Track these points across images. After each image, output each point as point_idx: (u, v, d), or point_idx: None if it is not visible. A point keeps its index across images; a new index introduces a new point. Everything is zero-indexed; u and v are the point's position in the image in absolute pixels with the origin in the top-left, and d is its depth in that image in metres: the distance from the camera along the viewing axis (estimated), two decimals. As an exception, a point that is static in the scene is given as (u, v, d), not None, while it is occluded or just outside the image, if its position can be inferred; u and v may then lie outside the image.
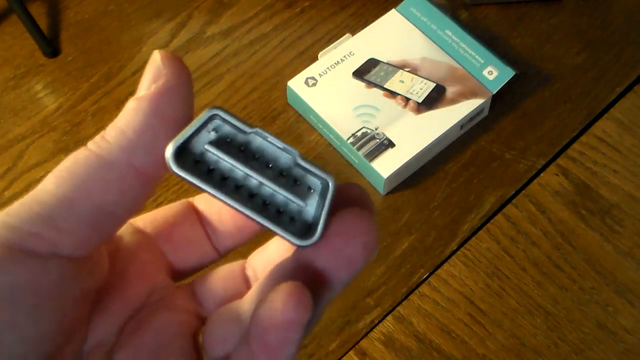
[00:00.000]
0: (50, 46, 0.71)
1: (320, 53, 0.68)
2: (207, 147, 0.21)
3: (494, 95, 0.65)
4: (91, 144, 0.21)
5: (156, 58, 0.22)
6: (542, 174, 0.64)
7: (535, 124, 0.66)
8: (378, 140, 0.62)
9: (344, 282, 0.23)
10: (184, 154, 0.21)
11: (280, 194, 0.22)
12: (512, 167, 0.64)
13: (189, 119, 0.22)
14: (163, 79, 0.22)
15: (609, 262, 0.60)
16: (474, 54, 0.66)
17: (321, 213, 0.21)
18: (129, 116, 0.21)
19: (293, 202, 0.22)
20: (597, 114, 0.67)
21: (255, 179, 0.21)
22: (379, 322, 0.58)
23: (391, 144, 0.62)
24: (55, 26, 0.73)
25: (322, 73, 0.66)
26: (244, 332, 0.22)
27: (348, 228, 0.21)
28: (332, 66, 0.66)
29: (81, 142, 0.67)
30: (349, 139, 0.62)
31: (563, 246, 0.60)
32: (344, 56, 0.66)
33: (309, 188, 0.22)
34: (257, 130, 0.21)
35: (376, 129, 0.63)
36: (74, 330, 0.22)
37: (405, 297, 0.59)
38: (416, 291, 0.59)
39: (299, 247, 0.21)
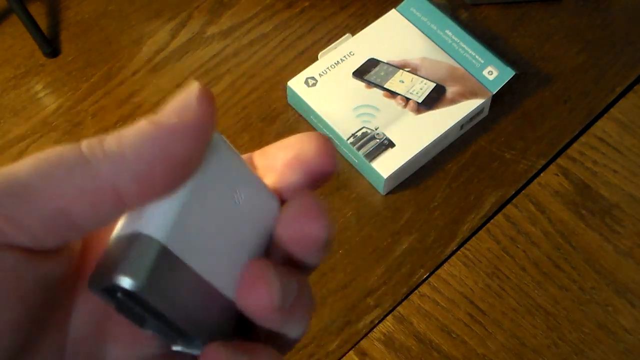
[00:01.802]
0: (50, 46, 0.71)
1: (320, 53, 0.68)
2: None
3: (494, 95, 0.65)
4: (85, 147, 0.20)
5: (193, 89, 0.21)
6: (542, 174, 0.64)
7: (535, 124, 0.66)
8: (378, 140, 0.62)
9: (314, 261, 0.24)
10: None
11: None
12: (512, 167, 0.64)
13: (195, 163, 0.21)
14: (190, 115, 0.21)
15: (609, 262, 0.60)
16: (474, 54, 0.66)
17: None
18: (137, 137, 0.20)
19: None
20: (597, 114, 0.67)
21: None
22: (379, 322, 0.58)
23: (391, 144, 0.62)
24: (55, 26, 0.73)
25: (322, 73, 0.66)
26: None
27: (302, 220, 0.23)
28: (332, 66, 0.66)
29: (81, 142, 0.67)
30: (349, 139, 0.62)
31: (563, 246, 0.60)
32: (344, 56, 0.66)
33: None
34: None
35: (376, 129, 0.63)
36: (46, 320, 0.21)
37: (405, 297, 0.59)
38: (416, 291, 0.59)
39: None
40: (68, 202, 0.19)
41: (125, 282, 0.20)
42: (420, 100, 0.64)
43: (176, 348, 0.23)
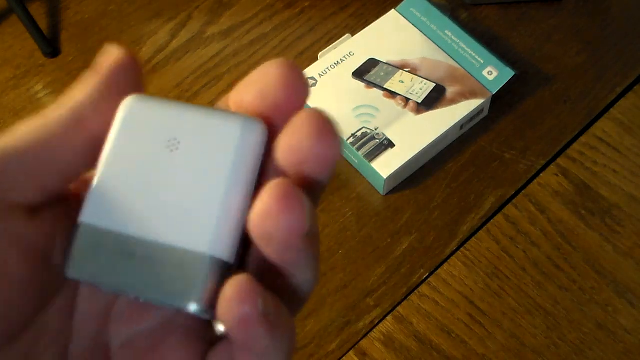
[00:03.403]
0: (50, 46, 0.71)
1: (320, 53, 0.68)
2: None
3: (493, 96, 0.65)
4: (43, 112, 0.22)
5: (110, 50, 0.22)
6: (542, 174, 0.64)
7: (535, 124, 0.66)
8: (378, 141, 0.62)
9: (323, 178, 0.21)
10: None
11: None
12: (512, 167, 0.64)
13: (136, 83, 0.22)
14: (110, 59, 0.22)
15: (609, 262, 0.60)
16: (473, 54, 0.66)
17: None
18: (77, 85, 0.22)
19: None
20: (597, 114, 0.67)
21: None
22: (379, 322, 0.58)
23: (391, 144, 0.62)
24: (55, 26, 0.73)
25: (322, 73, 0.66)
26: None
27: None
28: (332, 66, 0.66)
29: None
30: (349, 139, 0.62)
31: (563, 246, 0.60)
32: (344, 56, 0.66)
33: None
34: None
35: (376, 129, 0.63)
36: (51, 297, 0.22)
37: (405, 297, 0.59)
38: (416, 291, 0.59)
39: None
40: (43, 148, 0.21)
41: (71, 274, 0.21)
42: (420, 101, 0.64)
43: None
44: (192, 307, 0.20)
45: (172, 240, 0.20)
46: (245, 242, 0.22)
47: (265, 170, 0.22)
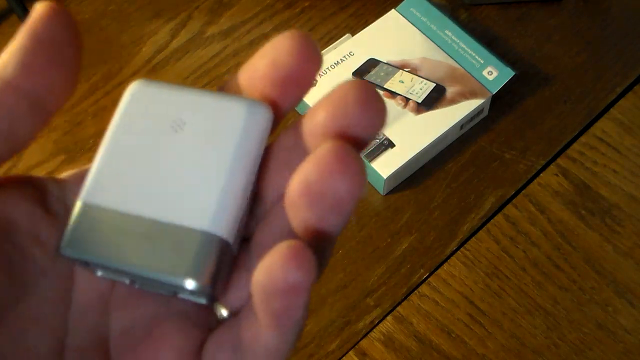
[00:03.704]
0: (50, 46, 0.71)
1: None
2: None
3: (493, 96, 0.65)
4: None
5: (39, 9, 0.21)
6: (542, 174, 0.64)
7: (535, 124, 0.66)
8: (378, 141, 0.62)
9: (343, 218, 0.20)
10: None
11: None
12: (512, 167, 0.64)
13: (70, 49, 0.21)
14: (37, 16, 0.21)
15: (609, 262, 0.60)
16: (473, 54, 0.66)
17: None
18: (7, 47, 0.21)
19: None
20: (597, 114, 0.67)
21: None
22: (379, 322, 0.58)
23: (391, 144, 0.62)
24: (55, 26, 0.73)
25: (322, 73, 0.66)
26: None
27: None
28: (332, 66, 0.66)
29: (81, 142, 0.67)
30: (349, 139, 0.62)
31: (563, 246, 0.61)
32: (344, 56, 0.66)
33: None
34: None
35: (376, 129, 0.63)
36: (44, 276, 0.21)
37: (405, 297, 0.59)
38: (416, 291, 0.59)
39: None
40: None
41: (66, 251, 0.21)
42: (420, 101, 0.64)
43: (182, 296, 0.22)
44: (190, 284, 0.20)
45: (172, 218, 0.20)
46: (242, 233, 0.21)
47: (273, 152, 0.22)
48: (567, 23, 0.72)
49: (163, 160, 0.21)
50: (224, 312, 0.22)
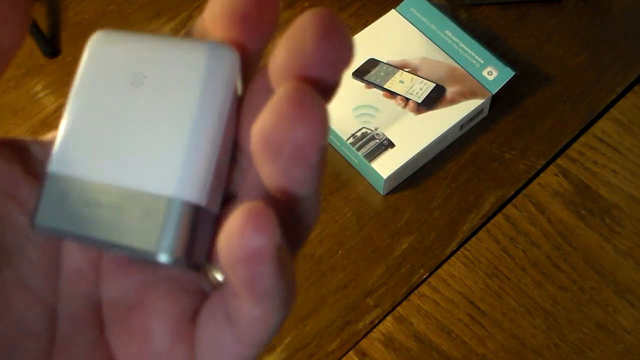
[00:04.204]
0: (50, 46, 0.71)
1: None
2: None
3: (493, 96, 0.65)
4: None
5: None
6: (541, 174, 0.64)
7: (535, 124, 0.66)
8: (378, 141, 0.62)
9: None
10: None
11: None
12: (512, 167, 0.64)
13: None
14: None
15: (608, 262, 0.60)
16: (473, 54, 0.66)
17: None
18: None
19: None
20: (597, 114, 0.67)
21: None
22: (379, 322, 0.58)
23: (391, 144, 0.62)
24: (55, 26, 0.73)
25: (322, 73, 0.66)
26: None
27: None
28: (332, 66, 0.66)
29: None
30: (348, 139, 0.62)
31: (563, 246, 0.61)
32: (344, 56, 0.66)
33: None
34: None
35: (376, 129, 0.63)
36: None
37: (405, 297, 0.59)
38: (416, 291, 0.59)
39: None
40: None
41: (39, 225, 0.20)
42: (420, 101, 0.64)
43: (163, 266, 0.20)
44: (163, 257, 0.19)
45: (139, 184, 0.19)
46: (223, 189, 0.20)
47: (249, 96, 0.20)
48: (567, 23, 0.72)
49: (126, 121, 0.20)
50: (218, 277, 0.21)
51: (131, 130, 0.19)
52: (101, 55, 0.20)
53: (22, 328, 0.20)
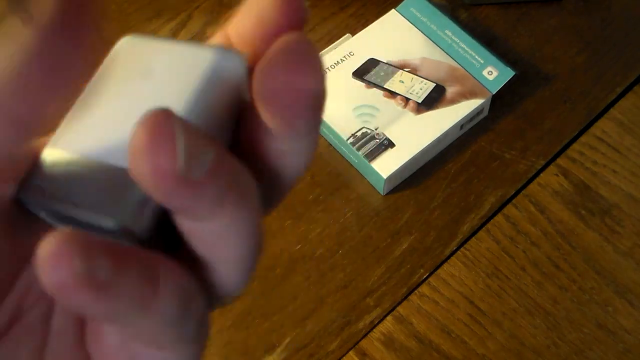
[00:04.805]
0: (50, 46, 0.71)
1: (320, 53, 0.68)
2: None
3: (493, 96, 0.65)
4: None
5: None
6: (541, 174, 0.64)
7: (535, 124, 0.66)
8: (378, 141, 0.62)
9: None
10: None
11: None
12: (512, 167, 0.64)
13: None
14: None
15: (608, 262, 0.60)
16: (473, 54, 0.66)
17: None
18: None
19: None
20: (597, 114, 0.67)
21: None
22: (379, 322, 0.58)
23: (391, 144, 0.62)
24: (55, 26, 0.73)
25: (322, 73, 0.66)
26: None
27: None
28: (332, 66, 0.66)
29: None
30: (348, 139, 0.62)
31: (563, 246, 0.61)
32: (344, 56, 0.66)
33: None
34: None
35: (376, 129, 0.63)
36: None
37: (405, 297, 0.59)
38: (416, 291, 0.59)
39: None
40: None
41: (21, 194, 0.21)
42: (420, 101, 0.64)
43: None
44: (109, 222, 0.19)
45: (116, 161, 0.20)
46: None
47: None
48: (567, 23, 0.72)
49: (124, 107, 0.21)
50: None
51: (126, 114, 0.21)
52: (121, 54, 0.22)
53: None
